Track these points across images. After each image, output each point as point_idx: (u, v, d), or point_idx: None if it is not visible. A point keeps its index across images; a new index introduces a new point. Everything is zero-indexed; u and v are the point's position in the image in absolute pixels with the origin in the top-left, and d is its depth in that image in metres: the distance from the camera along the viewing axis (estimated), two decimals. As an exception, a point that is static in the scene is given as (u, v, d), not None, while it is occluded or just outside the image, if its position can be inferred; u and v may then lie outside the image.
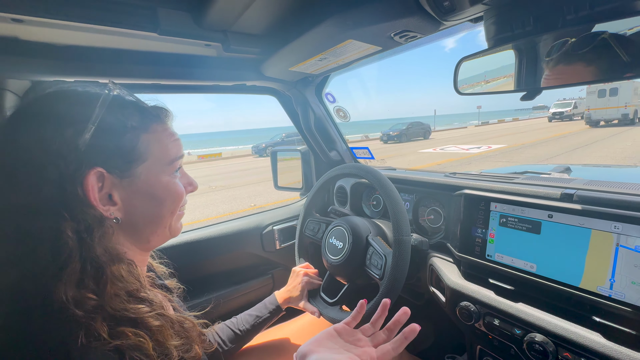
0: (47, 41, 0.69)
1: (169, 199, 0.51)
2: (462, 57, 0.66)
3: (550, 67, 0.56)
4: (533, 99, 0.58)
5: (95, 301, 0.39)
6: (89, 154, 0.42)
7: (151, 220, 0.50)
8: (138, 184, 0.47)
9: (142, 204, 0.48)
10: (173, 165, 0.52)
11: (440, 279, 0.90)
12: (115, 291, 0.41)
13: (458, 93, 0.69)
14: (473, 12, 0.59)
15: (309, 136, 1.36)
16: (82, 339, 0.36)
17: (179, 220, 0.57)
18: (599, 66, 0.51)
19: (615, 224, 0.61)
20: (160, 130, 0.50)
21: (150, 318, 0.43)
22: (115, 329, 0.39)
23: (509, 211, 0.78)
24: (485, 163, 9.54)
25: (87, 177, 0.41)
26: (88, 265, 0.40)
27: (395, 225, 0.80)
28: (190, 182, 0.57)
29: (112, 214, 0.45)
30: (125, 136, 0.46)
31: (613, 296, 0.61)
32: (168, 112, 0.54)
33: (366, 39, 0.74)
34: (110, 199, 0.45)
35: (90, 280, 0.40)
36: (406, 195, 1.13)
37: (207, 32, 0.74)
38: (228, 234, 1.23)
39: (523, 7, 0.54)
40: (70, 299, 0.37)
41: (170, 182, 0.51)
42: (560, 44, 0.52)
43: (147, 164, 0.48)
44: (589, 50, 0.50)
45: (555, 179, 0.89)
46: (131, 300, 0.43)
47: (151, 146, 0.48)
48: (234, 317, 0.92)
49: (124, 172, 0.46)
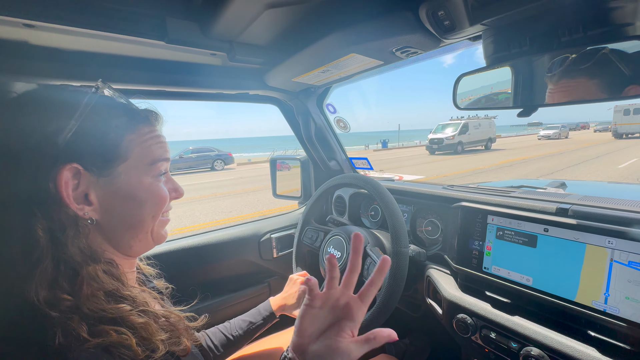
0: (56, 46, 0.70)
1: (150, 201, 0.49)
2: (461, 73, 0.69)
3: (550, 83, 0.58)
4: (529, 115, 0.60)
5: (71, 302, 0.38)
6: (67, 151, 0.41)
7: (131, 224, 0.48)
8: (117, 183, 0.45)
9: (120, 205, 0.46)
10: (155, 166, 0.49)
11: (437, 290, 0.90)
12: (92, 292, 0.40)
13: (457, 108, 0.71)
14: (472, 31, 0.61)
15: (309, 145, 1.38)
16: (60, 338, 0.35)
17: (162, 226, 0.54)
18: (598, 85, 0.53)
19: (609, 239, 0.62)
20: (146, 131, 0.49)
21: (132, 316, 0.41)
22: (96, 327, 0.38)
23: (505, 224, 0.79)
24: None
25: (60, 173, 0.40)
26: (62, 265, 0.39)
27: (394, 237, 0.80)
28: (176, 188, 0.55)
29: (87, 214, 0.43)
30: (109, 135, 0.45)
31: (608, 311, 0.61)
32: (158, 116, 0.53)
33: (368, 53, 0.77)
34: (86, 198, 0.43)
35: (64, 281, 0.39)
36: (404, 207, 1.14)
37: (213, 41, 0.76)
38: (226, 241, 1.23)
39: (520, 28, 0.56)
40: (42, 300, 0.36)
41: (153, 184, 0.49)
42: (560, 60, 0.54)
43: (127, 163, 0.46)
44: (588, 67, 0.51)
45: (550, 194, 0.91)
46: (110, 300, 0.41)
47: (134, 147, 0.47)
48: (227, 321, 0.91)
49: (103, 171, 0.44)
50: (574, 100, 0.55)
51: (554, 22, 0.52)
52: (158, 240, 0.53)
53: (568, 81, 0.55)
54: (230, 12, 0.64)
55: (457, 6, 0.54)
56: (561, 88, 0.55)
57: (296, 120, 1.35)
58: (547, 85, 0.57)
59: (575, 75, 0.54)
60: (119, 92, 0.50)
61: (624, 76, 0.49)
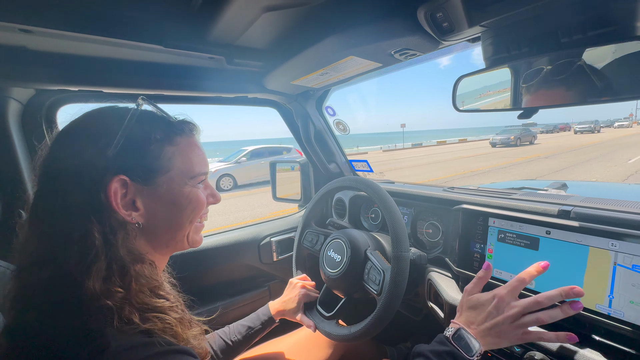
0: (53, 51, 0.70)
1: (189, 206, 0.53)
2: (460, 75, 0.68)
3: (549, 87, 0.58)
4: (530, 117, 0.60)
5: (122, 294, 0.43)
6: (115, 163, 0.45)
7: (170, 227, 0.53)
8: (160, 192, 0.50)
9: (163, 211, 0.51)
10: (195, 179, 0.54)
11: (438, 294, 0.89)
12: (139, 287, 0.45)
13: (456, 110, 0.71)
14: (471, 33, 0.61)
15: (309, 148, 1.38)
16: (116, 322, 0.40)
17: (198, 232, 0.58)
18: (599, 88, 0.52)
19: (612, 241, 0.61)
20: (184, 143, 0.53)
21: (170, 311, 0.47)
22: (145, 314, 0.43)
23: (507, 227, 0.78)
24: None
25: (110, 184, 0.45)
26: (114, 264, 0.44)
27: (395, 241, 0.80)
28: (213, 194, 0.59)
29: (134, 219, 0.48)
30: (150, 148, 0.48)
31: (612, 314, 0.60)
32: (195, 126, 0.57)
33: (367, 55, 0.76)
34: (133, 204, 0.48)
35: (117, 277, 0.43)
36: (405, 209, 1.13)
37: (211, 45, 0.76)
38: (225, 245, 1.22)
39: (519, 30, 0.56)
40: (99, 291, 0.41)
41: (192, 191, 0.53)
42: (535, 72, 0.54)
43: (170, 175, 0.50)
44: (593, 72, 0.51)
45: (552, 196, 0.90)
46: (153, 295, 0.47)
47: (175, 159, 0.51)
48: (226, 326, 0.90)
49: (147, 181, 0.48)
50: (574, 102, 0.55)
51: (553, 23, 0.52)
52: (193, 243, 0.57)
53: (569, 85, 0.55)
54: (227, 15, 0.63)
55: (455, 8, 0.53)
56: (561, 90, 0.54)
57: (295, 123, 1.35)
58: (548, 87, 0.57)
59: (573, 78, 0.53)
60: (156, 105, 0.53)
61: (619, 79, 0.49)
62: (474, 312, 0.58)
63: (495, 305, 0.56)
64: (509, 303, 0.56)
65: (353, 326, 0.82)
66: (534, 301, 0.55)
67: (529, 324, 0.54)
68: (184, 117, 0.56)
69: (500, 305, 0.56)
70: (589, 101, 0.53)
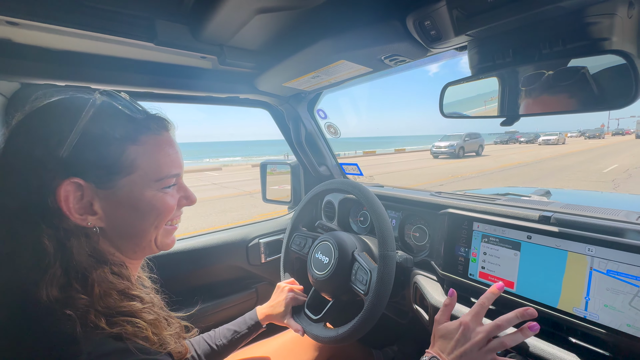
0: (40, 45, 0.69)
1: (152, 212, 0.49)
2: (447, 82, 0.70)
3: (531, 96, 0.60)
4: (512, 124, 0.62)
5: (86, 300, 0.40)
6: (68, 164, 0.42)
7: (133, 233, 0.49)
8: (121, 195, 0.46)
9: (124, 216, 0.47)
10: (162, 182, 0.49)
11: (424, 297, 0.91)
12: (103, 291, 0.42)
13: (443, 116, 0.72)
14: (458, 41, 0.63)
15: (299, 150, 1.38)
16: (79, 328, 0.37)
17: (168, 235, 0.55)
18: (576, 98, 0.55)
19: (589, 246, 0.64)
20: (151, 142, 0.48)
21: (143, 313, 0.44)
22: (113, 319, 0.41)
23: (490, 231, 0.80)
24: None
25: (60, 187, 0.41)
26: (71, 270, 0.41)
27: (381, 241, 0.81)
28: (188, 196, 0.55)
29: (90, 224, 0.45)
30: (109, 147, 0.44)
31: (588, 317, 0.62)
32: (165, 123, 0.52)
33: (358, 60, 0.78)
34: (91, 207, 0.45)
35: (77, 283, 0.41)
36: (393, 213, 1.14)
37: (203, 45, 0.76)
38: (213, 246, 1.21)
39: (503, 40, 0.58)
40: (54, 300, 0.39)
41: (156, 195, 0.49)
42: (535, 76, 0.56)
43: (133, 177, 0.46)
44: (569, 83, 0.54)
45: (534, 202, 0.93)
46: (123, 298, 0.44)
47: (139, 159, 0.46)
48: (212, 330, 0.89)
49: (105, 184, 0.45)
50: (553, 111, 0.57)
51: (535, 35, 0.54)
52: (163, 247, 0.54)
53: (548, 94, 0.57)
54: (220, 16, 0.64)
55: (443, 17, 0.55)
56: (541, 99, 0.57)
57: (287, 125, 1.35)
58: (529, 96, 0.59)
59: (555, 90, 0.56)
60: (123, 98, 0.48)
61: (597, 91, 0.51)
62: (444, 341, 0.61)
63: (462, 333, 0.59)
64: (474, 329, 0.59)
65: (340, 327, 0.82)
66: (495, 325, 0.58)
67: (496, 349, 0.57)
68: (155, 113, 0.51)
69: (466, 332, 0.59)
70: (568, 111, 0.55)
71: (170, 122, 0.53)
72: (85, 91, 0.48)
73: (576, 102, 0.55)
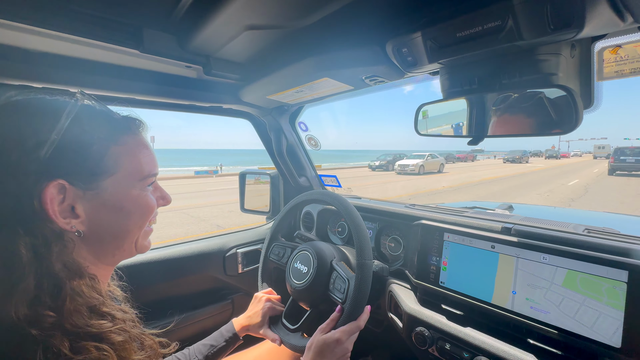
0: (19, 45, 0.67)
1: (137, 212, 0.50)
2: (422, 103, 0.76)
3: (494, 118, 0.67)
4: (477, 144, 0.68)
5: (54, 318, 0.37)
6: (51, 166, 0.40)
7: (117, 235, 0.49)
8: (105, 196, 0.45)
9: (108, 217, 0.47)
10: (144, 181, 0.50)
11: (398, 304, 0.94)
12: (75, 307, 0.39)
13: (418, 134, 0.78)
14: (431, 67, 0.69)
15: (280, 161, 1.40)
16: (40, 356, 0.34)
17: (146, 237, 0.55)
18: (534, 121, 0.62)
19: (544, 255, 0.71)
20: (132, 143, 0.49)
21: (112, 333, 0.41)
22: (77, 343, 0.38)
23: (459, 241, 0.86)
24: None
25: (45, 190, 0.39)
26: (45, 282, 0.38)
27: (359, 250, 0.84)
28: (164, 196, 0.56)
29: (74, 227, 0.43)
30: (92, 148, 0.44)
31: (537, 318, 0.69)
32: (140, 123, 0.53)
33: (340, 78, 0.83)
34: (72, 211, 0.43)
35: (47, 297, 0.38)
36: (370, 224, 1.19)
37: (189, 54, 0.77)
38: (189, 256, 1.18)
39: (470, 69, 0.65)
40: (22, 318, 0.36)
41: (140, 195, 0.50)
42: (504, 98, 0.63)
43: (116, 177, 0.46)
44: (527, 106, 0.61)
45: (498, 215, 1.01)
46: (93, 316, 0.41)
47: (122, 159, 0.47)
48: (186, 348, 0.86)
49: (89, 185, 0.44)
50: (514, 134, 0.64)
51: (497, 67, 0.61)
52: (141, 249, 0.53)
53: (509, 117, 0.64)
54: (210, 29, 0.66)
55: (418, 46, 0.61)
56: (503, 122, 0.64)
57: (268, 135, 1.37)
58: (492, 119, 0.66)
59: (515, 112, 0.63)
60: (98, 100, 0.48)
61: (551, 117, 0.58)
62: None
63: None
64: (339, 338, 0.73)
65: None
66: (356, 327, 0.76)
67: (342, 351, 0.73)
68: (128, 113, 0.52)
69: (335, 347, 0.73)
70: (527, 134, 0.63)
71: (144, 122, 0.54)
72: (60, 93, 0.47)
73: (534, 126, 0.62)
